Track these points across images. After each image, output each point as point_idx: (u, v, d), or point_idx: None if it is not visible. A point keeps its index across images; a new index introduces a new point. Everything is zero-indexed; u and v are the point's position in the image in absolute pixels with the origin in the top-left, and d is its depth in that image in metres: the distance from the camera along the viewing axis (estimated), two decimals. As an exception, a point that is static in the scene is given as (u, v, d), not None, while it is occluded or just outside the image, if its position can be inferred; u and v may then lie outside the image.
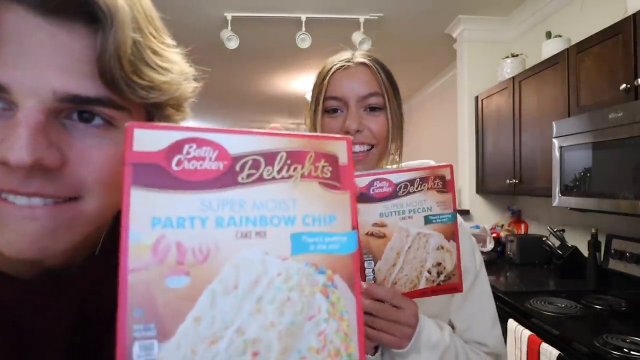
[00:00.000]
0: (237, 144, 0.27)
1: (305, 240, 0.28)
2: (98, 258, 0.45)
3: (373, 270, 0.61)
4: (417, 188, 0.60)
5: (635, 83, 1.61)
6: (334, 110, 0.76)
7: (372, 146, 0.75)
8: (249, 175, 0.27)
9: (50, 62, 0.32)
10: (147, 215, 0.25)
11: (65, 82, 0.32)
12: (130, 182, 0.25)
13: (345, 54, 0.79)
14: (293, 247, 0.28)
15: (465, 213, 3.17)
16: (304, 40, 3.00)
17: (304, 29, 2.99)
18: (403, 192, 0.60)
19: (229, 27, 2.98)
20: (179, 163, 0.26)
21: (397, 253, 0.61)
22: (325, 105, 0.76)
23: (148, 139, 0.25)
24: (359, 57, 0.78)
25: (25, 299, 0.40)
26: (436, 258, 0.62)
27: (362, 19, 2.98)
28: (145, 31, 0.36)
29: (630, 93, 1.64)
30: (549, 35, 2.41)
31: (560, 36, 2.32)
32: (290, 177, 0.28)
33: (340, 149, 0.30)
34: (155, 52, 0.37)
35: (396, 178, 0.60)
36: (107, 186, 0.36)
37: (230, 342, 0.26)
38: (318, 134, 0.32)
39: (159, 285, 0.24)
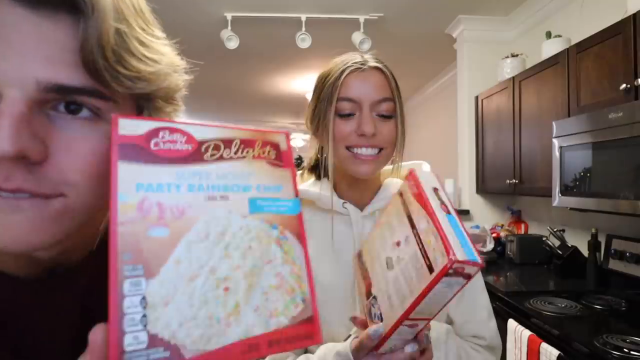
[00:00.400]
0: (201, 132, 0.34)
1: (260, 203, 0.35)
2: (97, 254, 0.44)
3: (381, 314, 0.57)
4: None
5: (635, 83, 1.61)
6: (348, 114, 0.76)
7: (382, 149, 0.76)
8: (212, 155, 0.34)
9: (34, 52, 0.31)
10: (132, 181, 0.30)
11: (49, 72, 0.32)
12: (117, 157, 0.30)
13: (355, 56, 0.79)
14: (250, 208, 0.35)
15: (465, 213, 3.17)
16: (304, 40, 3.00)
17: (304, 29, 2.99)
18: None
19: (229, 27, 2.98)
20: (156, 144, 0.32)
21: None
22: (338, 106, 0.75)
23: (130, 126, 0.32)
24: (372, 61, 0.78)
25: (25, 298, 0.40)
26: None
27: (362, 19, 2.98)
28: (131, 22, 0.36)
29: (630, 93, 1.64)
30: (549, 35, 2.41)
31: (560, 36, 2.32)
32: (244, 157, 0.36)
33: (281, 139, 0.38)
34: (142, 44, 0.36)
35: None
36: (92, 179, 0.35)
37: (205, 280, 0.31)
38: (264, 129, 0.38)
39: (144, 235, 0.29)
